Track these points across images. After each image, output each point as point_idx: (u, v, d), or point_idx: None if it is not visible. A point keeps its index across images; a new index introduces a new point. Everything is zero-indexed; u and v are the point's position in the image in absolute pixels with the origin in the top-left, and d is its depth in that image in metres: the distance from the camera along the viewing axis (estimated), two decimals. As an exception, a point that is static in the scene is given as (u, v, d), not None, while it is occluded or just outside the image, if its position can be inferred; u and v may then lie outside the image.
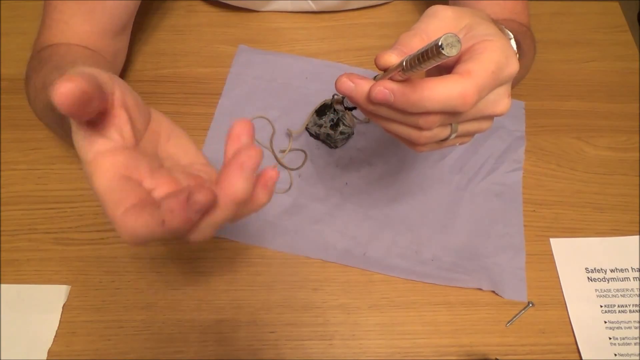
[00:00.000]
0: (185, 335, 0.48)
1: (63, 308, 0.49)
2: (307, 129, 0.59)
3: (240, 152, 0.25)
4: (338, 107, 0.42)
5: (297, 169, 0.57)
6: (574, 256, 0.53)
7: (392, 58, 0.32)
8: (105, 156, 0.25)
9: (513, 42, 0.41)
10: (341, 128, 0.56)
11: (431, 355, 0.48)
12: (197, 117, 0.60)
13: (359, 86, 0.33)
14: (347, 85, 0.33)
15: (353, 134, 0.58)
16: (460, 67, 0.31)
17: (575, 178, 0.57)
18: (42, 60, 0.48)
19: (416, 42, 0.32)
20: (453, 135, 0.35)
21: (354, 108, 0.45)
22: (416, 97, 0.30)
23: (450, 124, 0.34)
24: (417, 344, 0.48)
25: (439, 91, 0.30)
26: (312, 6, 0.67)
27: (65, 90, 0.22)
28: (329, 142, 0.58)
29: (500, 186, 0.56)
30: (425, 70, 0.28)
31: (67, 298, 0.49)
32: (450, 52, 0.26)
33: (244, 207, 0.27)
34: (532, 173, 0.58)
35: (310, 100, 0.60)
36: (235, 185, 0.24)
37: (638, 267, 0.52)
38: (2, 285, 0.50)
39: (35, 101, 0.47)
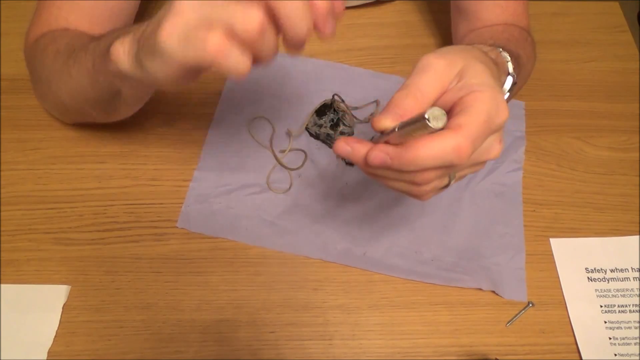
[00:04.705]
0: (185, 335, 0.48)
1: (63, 308, 0.49)
2: (307, 129, 0.59)
3: None
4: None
5: (297, 169, 0.57)
6: (574, 256, 0.53)
7: (387, 122, 0.33)
8: None
9: (510, 66, 0.42)
10: (341, 128, 0.56)
11: (431, 355, 0.48)
12: (197, 117, 0.60)
13: (356, 150, 0.34)
14: (345, 149, 0.34)
15: (353, 134, 0.58)
16: (452, 122, 0.31)
17: (575, 178, 0.57)
18: (55, 36, 0.49)
19: (410, 103, 0.32)
20: (453, 182, 0.36)
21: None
22: (411, 156, 0.31)
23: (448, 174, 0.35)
24: (417, 344, 0.48)
25: (433, 149, 0.31)
26: (311, 6, 0.67)
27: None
28: (329, 142, 0.58)
29: (500, 186, 0.56)
30: (420, 135, 0.30)
31: (67, 298, 0.49)
32: (436, 124, 0.28)
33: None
34: (532, 173, 0.57)
35: (310, 100, 0.60)
36: None
37: (638, 267, 0.52)
38: (2, 285, 0.50)
39: (54, 62, 0.47)
